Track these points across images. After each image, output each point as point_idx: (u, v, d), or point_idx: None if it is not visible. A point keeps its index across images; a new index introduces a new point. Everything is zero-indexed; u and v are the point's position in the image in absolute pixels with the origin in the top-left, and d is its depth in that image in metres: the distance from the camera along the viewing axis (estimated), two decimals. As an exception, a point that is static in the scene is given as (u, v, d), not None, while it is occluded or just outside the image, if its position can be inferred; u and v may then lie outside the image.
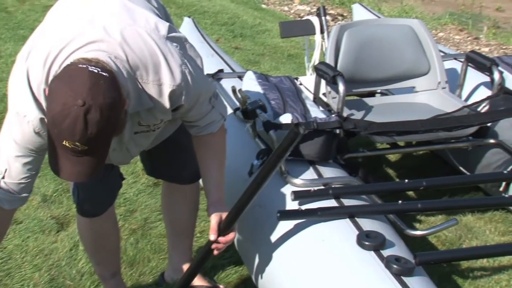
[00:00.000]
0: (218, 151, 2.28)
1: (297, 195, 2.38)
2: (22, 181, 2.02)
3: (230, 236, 2.17)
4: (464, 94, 3.66)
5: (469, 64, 3.56)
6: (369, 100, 3.61)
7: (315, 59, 4.08)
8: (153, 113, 2.02)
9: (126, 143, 2.17)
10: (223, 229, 2.16)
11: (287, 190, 2.45)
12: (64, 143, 1.67)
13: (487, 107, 3.27)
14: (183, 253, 2.82)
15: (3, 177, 1.99)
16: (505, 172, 3.11)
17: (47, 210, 3.46)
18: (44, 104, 1.84)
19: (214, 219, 2.15)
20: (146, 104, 1.94)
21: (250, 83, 3.08)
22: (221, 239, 2.16)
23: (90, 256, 2.75)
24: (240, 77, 3.49)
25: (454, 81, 3.64)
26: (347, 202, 2.40)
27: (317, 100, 3.42)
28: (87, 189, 2.39)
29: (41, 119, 1.86)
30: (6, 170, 1.98)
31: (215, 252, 2.21)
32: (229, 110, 3.19)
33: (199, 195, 2.74)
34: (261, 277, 2.41)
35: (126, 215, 3.42)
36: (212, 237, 2.15)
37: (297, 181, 2.52)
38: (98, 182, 2.26)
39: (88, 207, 2.46)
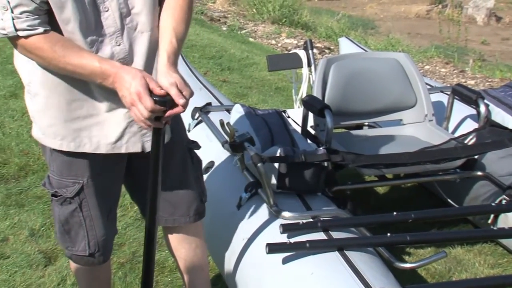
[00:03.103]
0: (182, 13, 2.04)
1: (285, 228, 2.37)
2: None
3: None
4: (451, 126, 3.69)
5: (456, 97, 3.60)
6: (356, 133, 3.63)
7: (303, 92, 4.11)
8: None
9: None
10: None
11: (276, 223, 2.45)
12: None
13: (474, 140, 3.30)
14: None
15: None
16: (493, 204, 3.11)
17: (35, 244, 3.42)
18: None
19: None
20: None
21: (238, 116, 3.10)
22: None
23: None
24: (228, 110, 3.51)
25: (441, 114, 3.67)
26: (335, 234, 2.40)
27: (305, 133, 3.44)
28: (101, 239, 2.29)
29: None
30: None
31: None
32: (217, 144, 3.21)
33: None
34: (250, 311, 2.39)
35: (114, 248, 3.34)
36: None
37: (286, 213, 2.52)
38: (109, 229, 2.27)
39: (101, 256, 2.34)
